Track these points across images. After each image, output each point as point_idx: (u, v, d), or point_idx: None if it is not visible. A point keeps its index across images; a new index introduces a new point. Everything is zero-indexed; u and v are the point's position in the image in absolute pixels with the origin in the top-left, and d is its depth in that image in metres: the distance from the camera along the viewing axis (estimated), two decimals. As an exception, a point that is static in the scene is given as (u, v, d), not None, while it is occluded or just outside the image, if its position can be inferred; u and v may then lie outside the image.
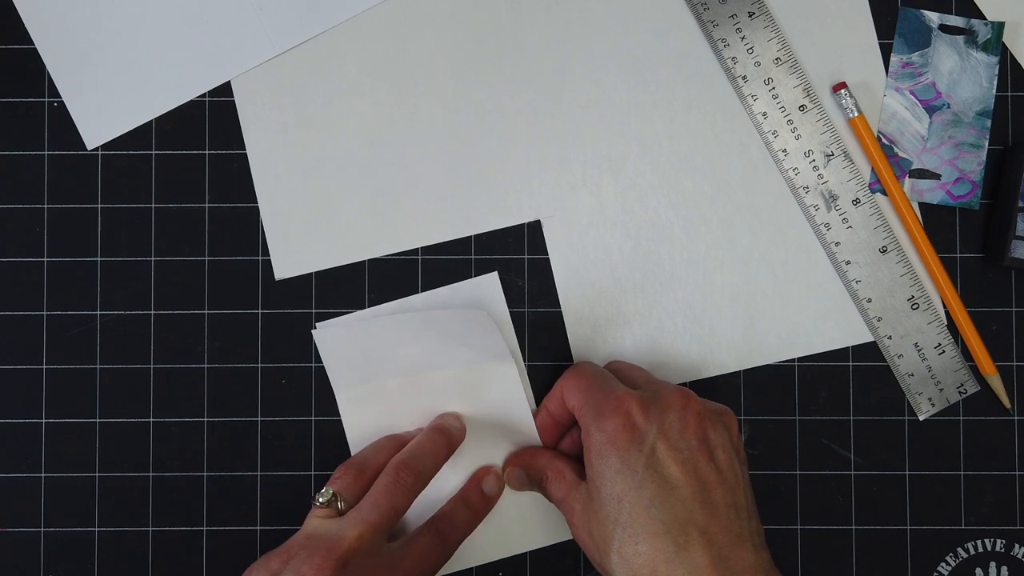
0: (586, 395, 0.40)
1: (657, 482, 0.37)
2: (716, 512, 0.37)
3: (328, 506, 0.39)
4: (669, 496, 0.37)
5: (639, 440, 0.37)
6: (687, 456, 0.37)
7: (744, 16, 0.45)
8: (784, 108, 0.45)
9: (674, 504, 0.37)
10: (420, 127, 0.45)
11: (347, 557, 0.37)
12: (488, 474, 0.44)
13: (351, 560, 0.37)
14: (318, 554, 0.37)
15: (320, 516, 0.39)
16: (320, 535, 0.38)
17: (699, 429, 0.38)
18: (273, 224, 0.45)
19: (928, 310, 0.45)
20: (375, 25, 0.45)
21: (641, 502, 0.37)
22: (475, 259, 0.45)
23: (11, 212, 0.45)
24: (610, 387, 0.40)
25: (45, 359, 0.45)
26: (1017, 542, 0.45)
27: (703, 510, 0.37)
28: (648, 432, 0.38)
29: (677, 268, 0.45)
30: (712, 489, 0.37)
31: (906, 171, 0.45)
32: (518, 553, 0.45)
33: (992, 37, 0.45)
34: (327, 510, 0.39)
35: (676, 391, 0.39)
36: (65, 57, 0.45)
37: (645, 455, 0.37)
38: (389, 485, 0.39)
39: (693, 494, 0.37)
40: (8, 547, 0.45)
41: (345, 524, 0.38)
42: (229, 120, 0.45)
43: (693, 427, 0.38)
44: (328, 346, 0.45)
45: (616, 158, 0.45)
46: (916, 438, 0.45)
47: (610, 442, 0.38)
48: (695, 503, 0.37)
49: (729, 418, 0.40)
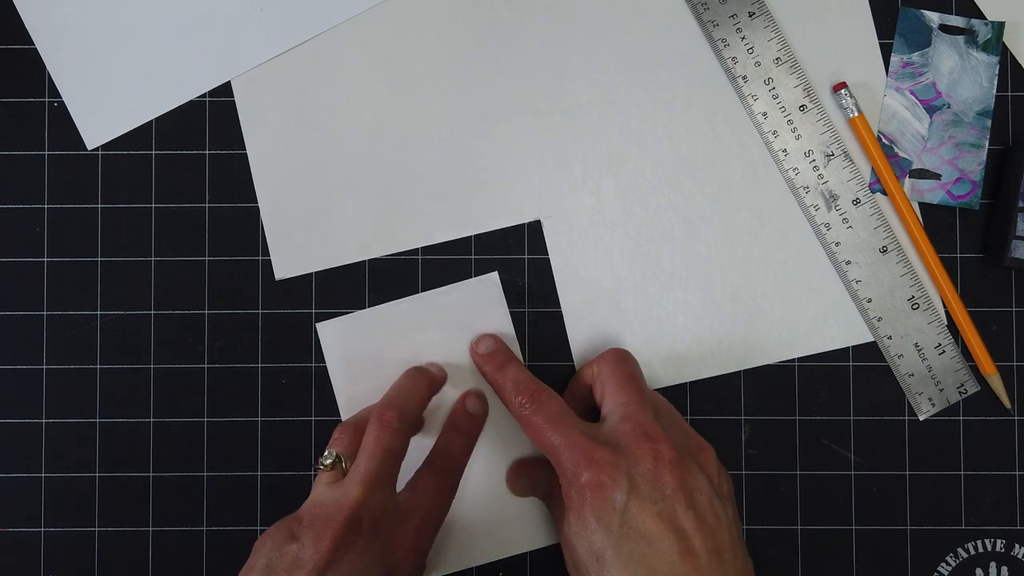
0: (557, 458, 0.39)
1: (634, 539, 0.36)
2: (697, 561, 0.36)
3: (332, 468, 0.39)
4: (647, 551, 0.36)
5: (611, 498, 0.37)
6: (662, 508, 0.37)
7: (744, 16, 0.45)
8: (784, 108, 0.45)
9: (654, 558, 0.36)
10: (420, 127, 0.45)
11: (356, 515, 0.37)
12: (469, 396, 0.44)
13: (362, 517, 0.37)
14: (330, 516, 0.37)
15: (326, 481, 0.39)
16: (326, 501, 0.38)
17: (673, 477, 0.37)
18: (273, 224, 0.45)
19: (928, 310, 0.45)
20: (375, 25, 0.45)
21: (619, 560, 0.36)
22: (475, 259, 0.45)
23: (11, 212, 0.45)
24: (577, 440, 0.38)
25: (45, 359, 0.45)
26: (1017, 542, 0.45)
27: (683, 561, 0.36)
28: (620, 488, 0.37)
29: (677, 268, 0.45)
30: (691, 538, 0.37)
31: (906, 171, 0.45)
32: (518, 553, 0.45)
33: (992, 37, 0.45)
34: (332, 473, 0.39)
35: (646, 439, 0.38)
36: (65, 57, 0.45)
37: (619, 512, 0.37)
38: (375, 432, 0.39)
39: (671, 546, 0.36)
40: (8, 547, 0.45)
41: (347, 484, 0.38)
42: (229, 120, 0.45)
43: (667, 477, 0.37)
44: (332, 343, 0.45)
45: (616, 158, 0.45)
46: (916, 438, 0.45)
47: (583, 502, 0.37)
48: (675, 555, 0.36)
49: (705, 457, 0.39)
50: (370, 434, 0.39)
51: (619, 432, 0.38)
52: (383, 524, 0.38)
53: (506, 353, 0.43)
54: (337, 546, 0.36)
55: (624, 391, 0.40)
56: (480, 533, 0.45)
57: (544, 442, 0.39)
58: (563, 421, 0.39)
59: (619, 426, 0.39)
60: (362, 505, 0.37)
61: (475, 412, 0.44)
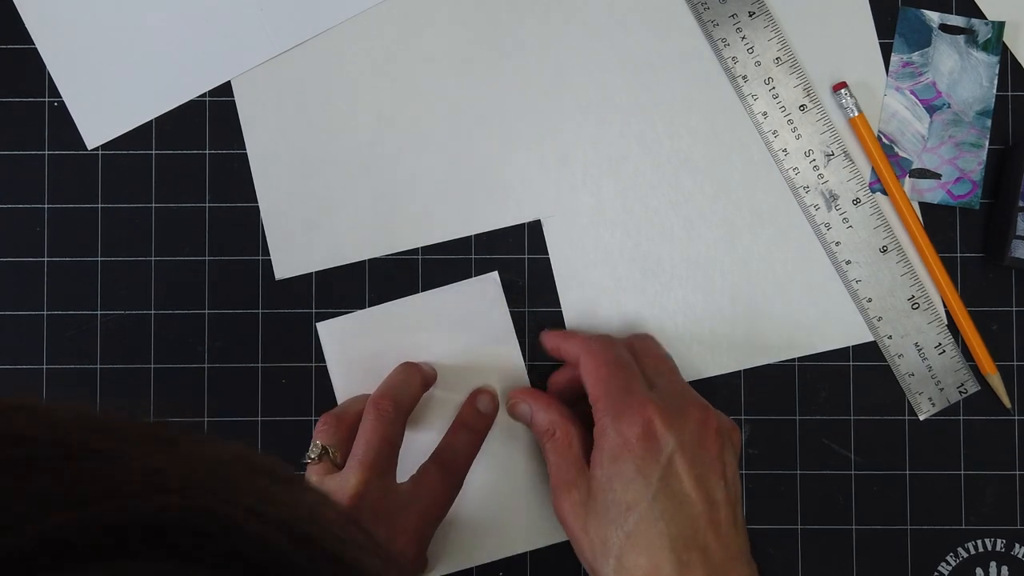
0: (605, 388, 0.38)
1: (669, 496, 0.36)
2: (719, 530, 0.37)
3: (320, 461, 0.39)
4: (679, 511, 0.36)
5: (657, 450, 0.37)
6: (701, 472, 0.37)
7: (744, 16, 0.45)
8: (784, 108, 0.45)
9: (683, 520, 0.36)
10: (420, 127, 0.45)
11: (356, 503, 0.37)
12: (482, 393, 0.44)
13: (362, 505, 0.37)
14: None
15: (320, 475, 0.39)
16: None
17: (716, 446, 0.38)
18: (273, 224, 0.45)
19: (928, 310, 0.45)
20: (375, 25, 0.45)
21: (652, 515, 0.36)
22: (475, 259, 0.45)
23: (11, 212, 0.45)
24: (632, 385, 0.38)
25: (45, 359, 0.45)
26: (1017, 542, 0.45)
27: (709, 528, 0.37)
28: (667, 443, 0.37)
29: (677, 268, 0.45)
30: (720, 508, 0.37)
31: (906, 171, 0.45)
32: (518, 553, 0.45)
33: (992, 37, 0.45)
34: (321, 466, 0.39)
35: (697, 404, 0.39)
36: (65, 57, 0.45)
37: (662, 467, 0.37)
38: (372, 420, 0.39)
39: (702, 512, 0.37)
40: (8, 547, 0.45)
41: (345, 473, 0.38)
42: (229, 120, 0.45)
43: (710, 443, 0.38)
44: (332, 343, 0.45)
45: (616, 158, 0.45)
46: (916, 438, 0.45)
47: (627, 447, 0.37)
48: (703, 521, 0.37)
49: (737, 436, 0.40)
50: (367, 423, 0.39)
51: (669, 392, 0.39)
52: (384, 510, 0.37)
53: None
54: None
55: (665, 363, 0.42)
56: (481, 533, 0.45)
57: (596, 373, 0.39)
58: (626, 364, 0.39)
59: (668, 387, 0.39)
60: (363, 492, 0.37)
61: (485, 410, 0.44)
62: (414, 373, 0.42)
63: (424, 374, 0.43)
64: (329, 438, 0.40)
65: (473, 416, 0.43)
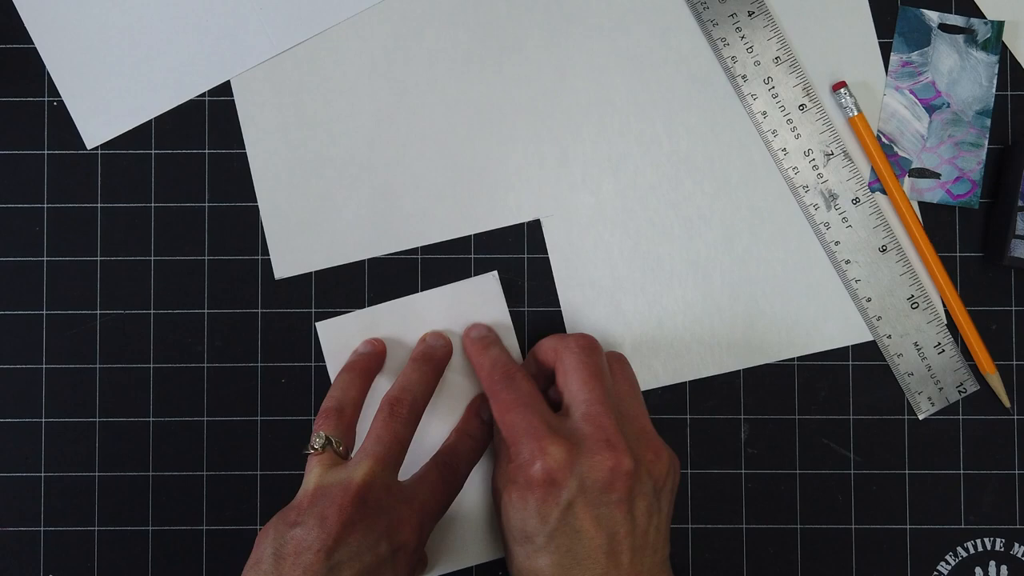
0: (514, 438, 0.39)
1: (568, 533, 0.37)
2: (619, 559, 0.37)
3: (324, 451, 0.39)
4: (576, 545, 0.37)
5: (557, 494, 0.37)
6: (602, 512, 0.37)
7: (744, 15, 0.45)
8: (784, 107, 0.45)
9: (579, 551, 0.37)
10: (420, 127, 0.45)
11: (363, 493, 0.37)
12: (484, 402, 0.44)
13: (368, 496, 0.37)
14: (335, 496, 0.37)
15: (324, 465, 0.39)
16: (329, 483, 0.38)
17: (624, 488, 0.38)
18: (273, 224, 0.45)
19: (928, 309, 0.45)
20: (375, 25, 0.45)
21: (548, 548, 0.37)
22: (475, 259, 0.45)
23: (11, 212, 0.45)
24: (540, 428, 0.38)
25: (45, 359, 0.45)
26: (1017, 541, 0.45)
27: (607, 559, 0.37)
28: (567, 489, 0.37)
29: (677, 267, 0.45)
30: (621, 540, 0.37)
31: (906, 170, 0.45)
32: (518, 553, 0.45)
33: (992, 36, 0.45)
34: (325, 456, 0.39)
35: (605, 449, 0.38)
36: (65, 57, 0.45)
37: (561, 509, 0.37)
38: (387, 419, 0.40)
39: (600, 545, 0.37)
40: (8, 547, 0.45)
41: (353, 464, 0.39)
42: (229, 120, 0.45)
43: (618, 488, 0.38)
44: (331, 342, 0.45)
45: (616, 158, 0.45)
46: (916, 437, 0.45)
47: (530, 487, 0.38)
48: (599, 554, 0.37)
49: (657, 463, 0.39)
50: (379, 420, 0.40)
51: (581, 432, 0.38)
52: (387, 502, 0.38)
53: (493, 336, 0.44)
54: (344, 524, 0.36)
55: (588, 388, 0.40)
56: (480, 533, 0.45)
57: (506, 420, 0.39)
58: (530, 405, 0.39)
59: (582, 425, 0.39)
60: (369, 483, 0.38)
61: (487, 419, 0.44)
62: (428, 368, 0.43)
63: (437, 362, 0.43)
64: (333, 429, 0.40)
65: (476, 425, 0.44)
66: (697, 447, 0.45)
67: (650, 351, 0.45)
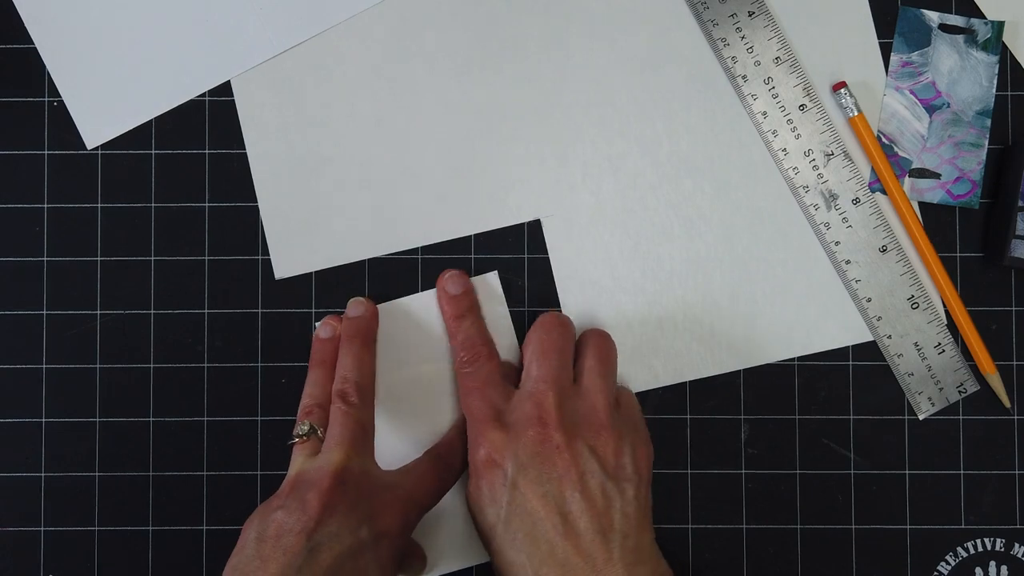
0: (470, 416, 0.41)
1: (520, 515, 0.38)
2: (579, 541, 0.37)
3: (308, 438, 0.40)
4: (532, 529, 0.38)
5: (501, 474, 0.39)
6: (548, 489, 0.38)
7: (744, 15, 0.45)
8: (784, 107, 0.45)
9: (536, 536, 0.38)
10: (420, 127, 0.45)
11: (342, 475, 0.38)
12: None
13: (347, 479, 0.38)
14: (315, 480, 0.38)
15: (306, 453, 0.40)
16: (308, 469, 0.39)
17: (562, 461, 0.38)
18: (273, 224, 0.45)
19: (928, 309, 0.45)
20: (375, 25, 0.45)
21: (507, 536, 0.38)
22: (475, 259, 0.45)
23: (11, 212, 0.45)
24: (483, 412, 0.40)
25: (45, 359, 0.45)
26: (1017, 542, 0.45)
27: (565, 542, 0.37)
28: (507, 468, 0.38)
29: (677, 267, 0.45)
30: (576, 519, 0.38)
31: (906, 170, 0.45)
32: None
33: (992, 36, 0.45)
34: (309, 444, 0.40)
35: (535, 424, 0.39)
36: (65, 57, 0.45)
37: (507, 490, 0.38)
38: (341, 408, 0.40)
39: (554, 526, 0.38)
40: (8, 547, 0.45)
41: (327, 451, 0.39)
42: (229, 120, 0.45)
43: (555, 460, 0.38)
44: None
45: (616, 158, 0.45)
46: (916, 438, 0.45)
47: (477, 474, 0.39)
48: (556, 536, 0.37)
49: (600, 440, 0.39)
50: (336, 412, 0.40)
51: (519, 410, 0.40)
52: (368, 487, 0.39)
53: (469, 301, 0.44)
54: (325, 507, 0.37)
55: (538, 364, 0.41)
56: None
57: (465, 404, 0.42)
58: (484, 391, 0.41)
59: (522, 403, 0.40)
60: (346, 467, 0.38)
61: None
62: (358, 343, 0.43)
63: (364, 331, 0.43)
64: (316, 419, 0.41)
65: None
66: (697, 447, 0.45)
67: (650, 351, 0.45)
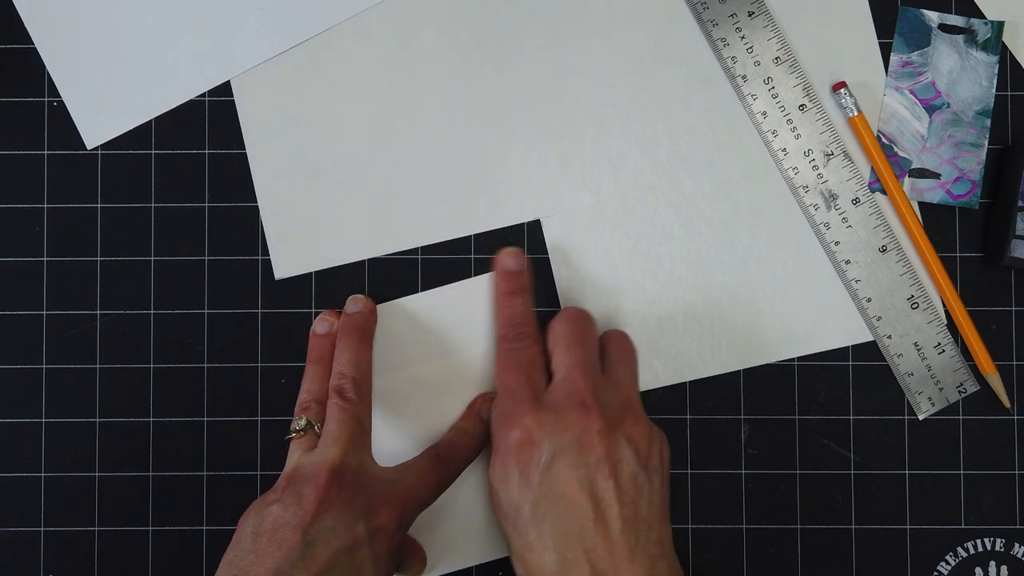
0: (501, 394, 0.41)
1: (551, 498, 0.38)
2: (608, 529, 0.38)
3: (306, 433, 0.40)
4: (562, 513, 0.38)
5: (535, 456, 0.38)
6: (583, 474, 0.38)
7: (744, 15, 0.45)
8: (784, 107, 0.45)
9: (566, 521, 0.38)
10: (420, 127, 0.45)
11: (338, 470, 0.38)
12: (486, 402, 0.44)
13: (344, 473, 0.38)
14: (311, 475, 0.38)
15: (303, 448, 0.40)
16: (305, 464, 0.39)
17: (600, 448, 0.38)
18: (273, 224, 0.45)
19: (928, 309, 0.45)
20: (375, 25, 0.45)
21: (536, 515, 0.38)
22: (475, 259, 0.45)
23: (11, 212, 0.45)
24: (521, 393, 0.40)
25: (45, 359, 0.45)
26: (1017, 542, 0.45)
27: (595, 528, 0.37)
28: (544, 450, 0.38)
29: (677, 267, 0.45)
30: (607, 507, 0.38)
31: (906, 170, 0.45)
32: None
33: (992, 36, 0.45)
34: (306, 439, 0.40)
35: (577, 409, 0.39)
36: (65, 57, 0.45)
37: (541, 471, 0.38)
38: (339, 404, 0.40)
39: (586, 512, 0.38)
40: (8, 547, 0.45)
41: (323, 446, 0.39)
42: (229, 120, 0.45)
43: (594, 446, 0.38)
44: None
45: (616, 158, 0.45)
46: (916, 438, 0.45)
47: (509, 453, 0.39)
48: (587, 521, 0.37)
49: (636, 429, 0.40)
50: (333, 405, 0.40)
51: (558, 395, 0.40)
52: (364, 482, 0.39)
53: (523, 280, 0.44)
54: (321, 501, 0.37)
55: (570, 353, 0.41)
56: (481, 533, 0.45)
57: (500, 379, 0.42)
58: (524, 371, 0.41)
59: (559, 388, 0.40)
60: (343, 461, 0.38)
61: (487, 417, 0.44)
62: (355, 337, 0.43)
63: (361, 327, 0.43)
64: (313, 415, 0.41)
65: (475, 423, 0.44)
66: (697, 447, 0.45)
67: (650, 351, 0.45)
